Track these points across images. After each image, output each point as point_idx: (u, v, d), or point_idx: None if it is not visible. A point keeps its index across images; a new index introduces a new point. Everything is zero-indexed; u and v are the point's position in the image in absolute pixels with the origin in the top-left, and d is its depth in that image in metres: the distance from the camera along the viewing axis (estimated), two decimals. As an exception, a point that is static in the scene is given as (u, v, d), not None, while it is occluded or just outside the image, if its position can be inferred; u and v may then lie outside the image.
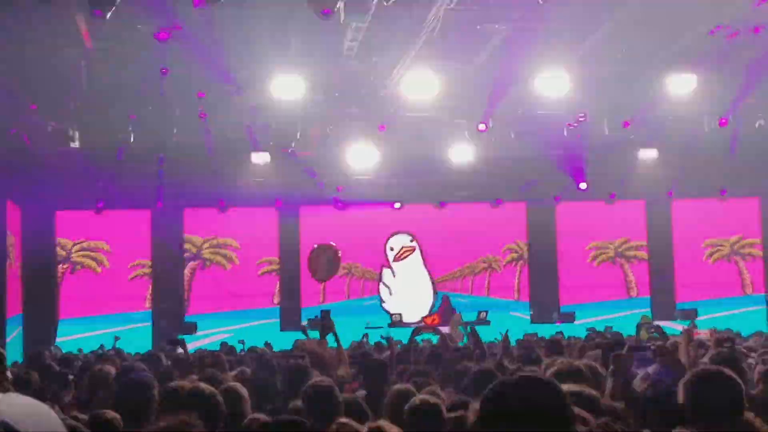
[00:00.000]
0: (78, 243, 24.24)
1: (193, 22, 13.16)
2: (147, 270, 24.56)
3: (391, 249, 25.66)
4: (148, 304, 24.40)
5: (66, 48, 14.22)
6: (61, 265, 24.16)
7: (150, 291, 24.47)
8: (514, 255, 25.90)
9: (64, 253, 24.20)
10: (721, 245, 25.77)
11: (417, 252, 25.71)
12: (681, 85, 17.17)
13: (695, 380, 4.26)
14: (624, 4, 13.09)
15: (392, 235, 25.59)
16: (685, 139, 20.38)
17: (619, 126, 19.07)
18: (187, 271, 24.76)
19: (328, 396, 5.59)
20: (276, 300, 24.96)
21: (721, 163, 21.97)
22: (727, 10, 13.57)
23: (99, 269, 24.35)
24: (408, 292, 25.48)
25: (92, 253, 24.36)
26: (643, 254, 25.90)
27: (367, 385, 7.57)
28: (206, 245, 24.94)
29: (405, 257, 25.69)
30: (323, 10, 10.63)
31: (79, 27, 12.92)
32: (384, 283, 25.65)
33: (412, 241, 25.65)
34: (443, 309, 24.47)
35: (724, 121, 16.71)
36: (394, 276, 25.66)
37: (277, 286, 25.09)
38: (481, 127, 17.02)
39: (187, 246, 24.76)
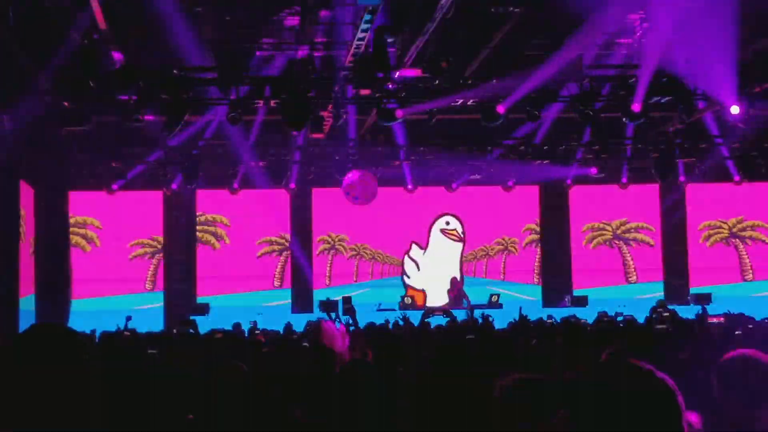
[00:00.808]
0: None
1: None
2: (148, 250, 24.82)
3: (447, 223, 25.67)
4: (149, 285, 24.62)
5: (79, 27, 14.18)
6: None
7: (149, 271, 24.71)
8: (535, 236, 25.85)
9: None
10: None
11: (461, 245, 25.76)
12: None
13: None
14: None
15: (449, 215, 25.64)
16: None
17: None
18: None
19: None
20: (276, 282, 25.12)
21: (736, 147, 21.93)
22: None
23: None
24: (436, 273, 25.46)
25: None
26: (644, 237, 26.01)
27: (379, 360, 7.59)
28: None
29: (452, 239, 25.74)
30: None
31: (93, 7, 12.86)
32: (411, 257, 25.61)
33: (463, 233, 25.72)
34: (454, 291, 24.46)
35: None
36: (424, 253, 25.66)
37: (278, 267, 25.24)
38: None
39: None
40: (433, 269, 25.51)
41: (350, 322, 9.02)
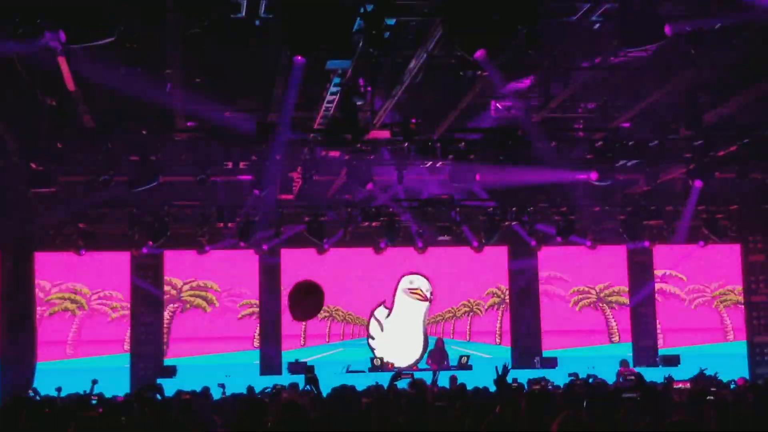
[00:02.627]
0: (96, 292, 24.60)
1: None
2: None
3: (411, 282, 25.65)
4: (127, 347, 24.36)
5: (48, 89, 14.19)
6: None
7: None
8: (496, 299, 25.92)
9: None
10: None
11: (427, 304, 25.71)
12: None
13: None
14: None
15: (414, 274, 25.64)
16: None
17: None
18: (167, 314, 24.78)
19: None
20: (256, 343, 24.94)
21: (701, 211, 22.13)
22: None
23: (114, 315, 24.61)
24: (401, 334, 25.40)
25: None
26: (625, 300, 26.06)
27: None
28: (186, 287, 24.99)
29: (417, 299, 25.68)
30: (299, 55, 10.59)
31: (62, 69, 12.87)
32: (376, 318, 25.54)
33: (429, 291, 25.69)
34: (436, 351, 24.33)
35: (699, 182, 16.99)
36: (389, 314, 25.58)
37: (257, 329, 25.03)
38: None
39: (166, 288, 24.78)
40: (398, 330, 25.46)
41: (312, 390, 9.09)
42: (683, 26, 10.55)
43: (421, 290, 25.72)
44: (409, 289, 25.70)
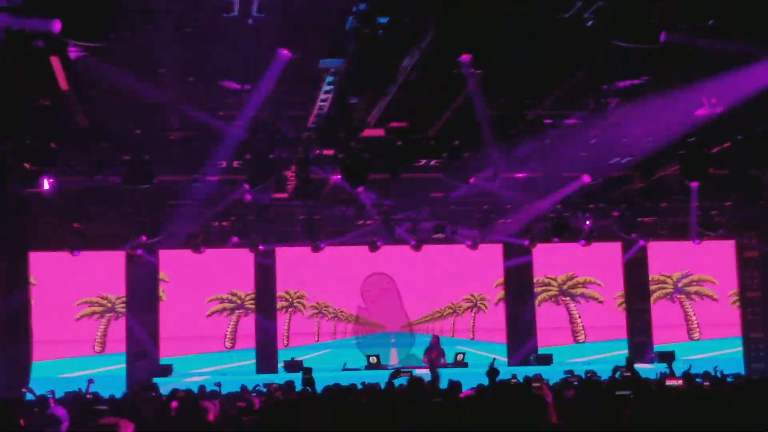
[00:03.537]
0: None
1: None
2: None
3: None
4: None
5: (41, 89, 14.15)
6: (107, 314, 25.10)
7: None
8: (470, 304, 26.36)
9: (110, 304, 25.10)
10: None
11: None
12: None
13: None
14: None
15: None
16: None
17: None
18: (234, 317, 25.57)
19: None
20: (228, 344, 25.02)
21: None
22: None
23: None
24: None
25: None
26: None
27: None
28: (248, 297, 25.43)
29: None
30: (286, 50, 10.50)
31: (54, 68, 12.83)
32: None
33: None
34: (432, 348, 24.44)
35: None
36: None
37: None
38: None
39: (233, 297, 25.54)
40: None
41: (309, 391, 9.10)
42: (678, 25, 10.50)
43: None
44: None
